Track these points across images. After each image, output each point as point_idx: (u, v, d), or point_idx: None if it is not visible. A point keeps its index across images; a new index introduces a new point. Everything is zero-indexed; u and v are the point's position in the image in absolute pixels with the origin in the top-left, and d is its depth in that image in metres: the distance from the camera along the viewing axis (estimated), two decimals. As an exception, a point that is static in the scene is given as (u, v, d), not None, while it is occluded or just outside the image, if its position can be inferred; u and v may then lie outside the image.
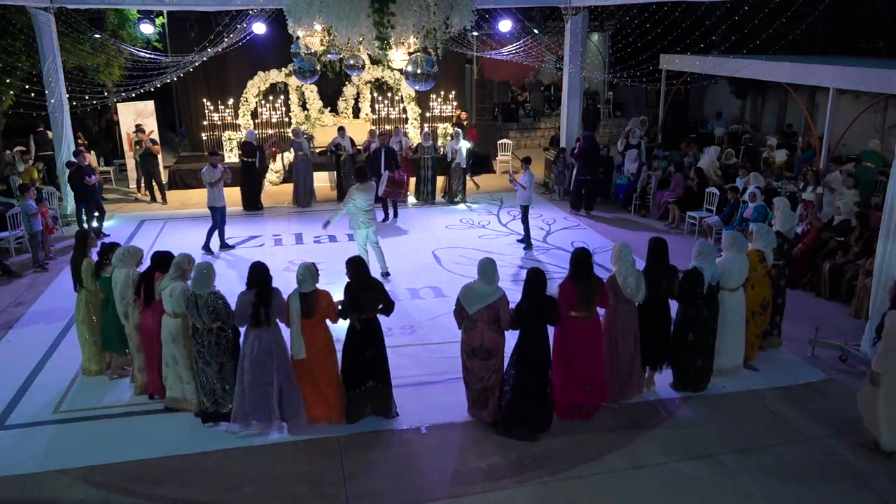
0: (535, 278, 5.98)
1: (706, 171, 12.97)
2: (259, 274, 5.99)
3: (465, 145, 14.04)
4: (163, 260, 6.45)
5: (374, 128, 15.20)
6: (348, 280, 6.21)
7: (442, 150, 15.25)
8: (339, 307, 6.16)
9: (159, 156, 14.71)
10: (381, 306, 6.20)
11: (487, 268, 5.97)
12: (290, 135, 14.63)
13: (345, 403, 6.29)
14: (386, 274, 9.82)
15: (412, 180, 14.73)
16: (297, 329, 5.97)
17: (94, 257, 7.12)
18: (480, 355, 6.03)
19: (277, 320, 6.05)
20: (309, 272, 6.01)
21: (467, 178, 14.62)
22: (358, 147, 14.76)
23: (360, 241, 9.69)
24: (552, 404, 6.24)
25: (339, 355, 6.33)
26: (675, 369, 6.86)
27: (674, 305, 6.76)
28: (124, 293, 6.58)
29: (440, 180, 14.76)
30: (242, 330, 6.11)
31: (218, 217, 11.15)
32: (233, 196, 13.90)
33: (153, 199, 14.59)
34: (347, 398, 6.27)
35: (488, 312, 5.92)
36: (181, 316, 6.17)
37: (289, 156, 15.40)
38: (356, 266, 6.24)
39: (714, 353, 6.84)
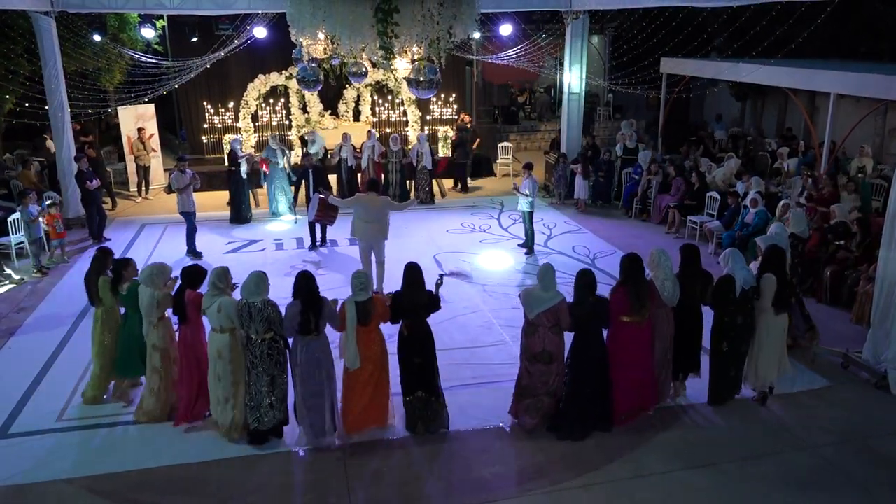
0: (585, 280, 6.05)
1: (720, 183, 12.92)
2: (303, 284, 5.93)
3: (428, 148, 14.14)
4: (192, 275, 6.31)
5: (371, 129, 15.07)
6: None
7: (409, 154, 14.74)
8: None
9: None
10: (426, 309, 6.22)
11: (546, 274, 6.02)
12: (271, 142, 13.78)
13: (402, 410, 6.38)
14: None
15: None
16: (352, 338, 5.95)
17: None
18: (543, 359, 6.08)
19: (327, 329, 6.04)
20: (367, 280, 6.07)
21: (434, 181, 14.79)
22: (330, 150, 14.61)
23: (362, 253, 9.36)
24: (612, 407, 6.28)
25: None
26: (710, 380, 6.79)
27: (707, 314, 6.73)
28: (149, 313, 6.36)
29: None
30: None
31: (192, 221, 11.12)
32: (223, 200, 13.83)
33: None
34: (405, 404, 6.31)
35: (549, 316, 5.97)
36: (229, 331, 6.06)
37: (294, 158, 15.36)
38: (406, 272, 6.25)
39: (745, 364, 6.77)
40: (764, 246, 7.09)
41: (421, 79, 7.22)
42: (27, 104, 12.95)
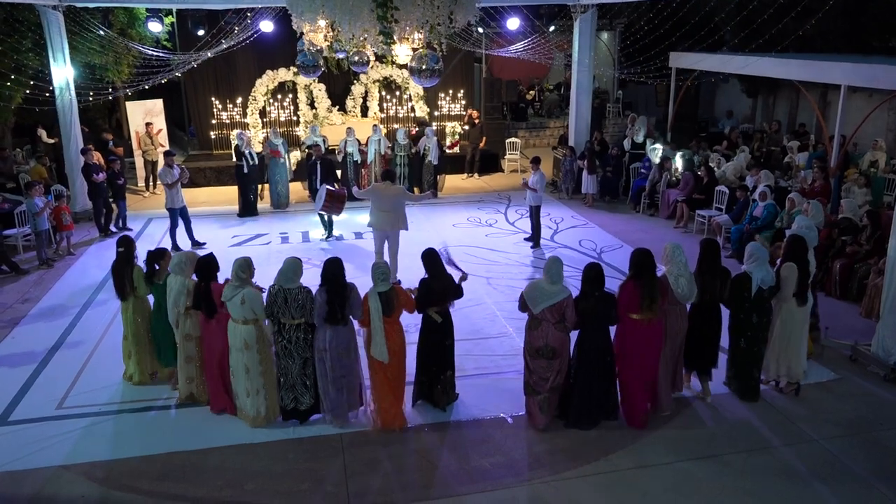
0: (592, 273, 5.90)
1: (730, 177, 12.77)
2: (331, 271, 5.93)
3: (436, 143, 14.05)
4: (208, 266, 6.24)
5: (376, 123, 14.97)
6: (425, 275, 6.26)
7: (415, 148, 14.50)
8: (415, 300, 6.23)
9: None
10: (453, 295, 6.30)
11: (553, 266, 5.86)
12: (269, 135, 14.00)
13: (420, 392, 6.46)
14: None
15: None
16: (380, 330, 5.91)
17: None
18: (545, 355, 5.93)
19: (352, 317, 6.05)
20: (387, 270, 6.08)
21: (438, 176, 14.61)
22: (331, 146, 14.53)
23: (376, 242, 9.52)
24: (616, 399, 6.19)
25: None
26: (736, 377, 6.65)
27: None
28: (177, 301, 6.35)
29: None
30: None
31: (176, 218, 11.11)
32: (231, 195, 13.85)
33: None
34: (430, 386, 6.36)
35: (554, 312, 5.82)
36: (252, 322, 6.04)
37: (296, 155, 15.35)
38: (427, 260, 6.25)
39: (763, 362, 6.63)
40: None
41: (423, 67, 7.17)
42: (35, 95, 12.96)
